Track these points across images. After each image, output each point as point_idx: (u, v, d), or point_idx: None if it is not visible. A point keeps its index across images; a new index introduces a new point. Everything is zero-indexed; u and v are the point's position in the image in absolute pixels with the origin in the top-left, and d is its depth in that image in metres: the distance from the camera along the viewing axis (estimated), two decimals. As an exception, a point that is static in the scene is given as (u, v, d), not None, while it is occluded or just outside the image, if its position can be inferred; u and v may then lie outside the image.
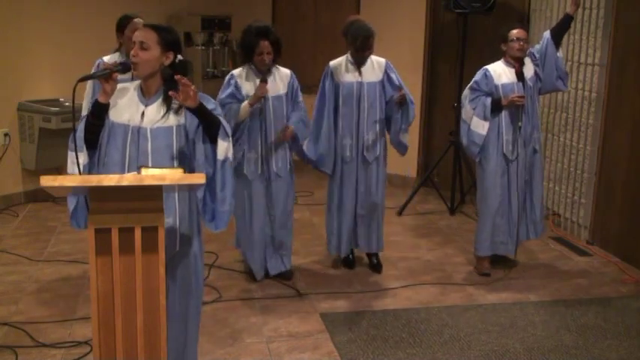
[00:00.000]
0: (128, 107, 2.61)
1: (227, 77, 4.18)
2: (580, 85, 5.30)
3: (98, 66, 4.07)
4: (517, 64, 4.41)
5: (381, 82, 4.40)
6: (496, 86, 4.40)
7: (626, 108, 4.86)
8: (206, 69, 7.19)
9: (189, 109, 2.53)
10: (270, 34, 4.09)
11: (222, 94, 4.09)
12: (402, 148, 4.54)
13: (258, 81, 4.07)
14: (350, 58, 4.39)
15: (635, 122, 4.75)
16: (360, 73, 4.37)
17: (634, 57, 4.76)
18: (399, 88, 4.33)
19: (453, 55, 6.23)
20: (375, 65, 4.41)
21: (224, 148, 2.60)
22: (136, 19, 4.11)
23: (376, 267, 4.64)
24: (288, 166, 4.28)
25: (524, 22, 5.92)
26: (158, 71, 2.60)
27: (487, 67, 4.45)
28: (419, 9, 6.61)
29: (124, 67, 2.56)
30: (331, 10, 7.38)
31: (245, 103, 4.03)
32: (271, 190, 4.25)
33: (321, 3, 7.46)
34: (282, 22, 7.46)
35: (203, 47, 7.13)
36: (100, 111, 2.57)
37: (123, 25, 4.14)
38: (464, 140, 4.51)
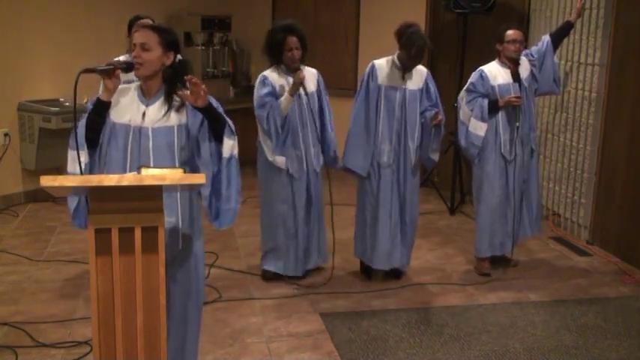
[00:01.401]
0: (129, 108, 2.62)
1: (259, 78, 4.16)
2: (580, 85, 5.30)
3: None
4: (512, 65, 4.41)
5: (421, 90, 4.27)
6: (492, 87, 4.40)
7: (626, 108, 4.86)
8: (206, 69, 7.20)
9: (197, 108, 2.55)
10: (297, 29, 4.11)
11: (261, 93, 4.08)
12: (430, 163, 4.47)
13: (289, 79, 4.09)
14: (397, 62, 4.21)
15: (635, 122, 4.75)
16: (404, 79, 4.23)
17: (634, 57, 4.76)
18: (436, 108, 4.23)
19: (453, 55, 6.23)
20: (418, 73, 4.27)
21: (230, 145, 2.62)
22: (144, 20, 4.12)
23: (396, 273, 4.53)
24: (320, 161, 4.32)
25: (523, 22, 5.93)
26: (159, 71, 2.60)
27: (482, 67, 4.45)
28: (419, 9, 6.61)
29: (128, 66, 2.57)
30: (331, 10, 7.39)
31: (286, 94, 4.04)
32: (311, 187, 4.28)
33: (321, 3, 7.47)
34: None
35: (203, 47, 7.14)
36: (101, 108, 2.58)
37: (132, 25, 4.17)
38: (462, 142, 4.50)
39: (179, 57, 2.67)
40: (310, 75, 4.21)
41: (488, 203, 4.49)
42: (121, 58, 4.18)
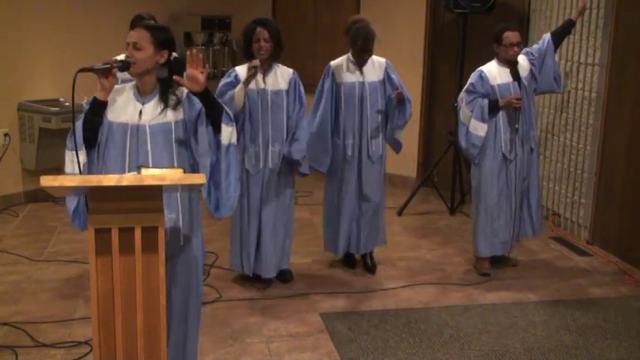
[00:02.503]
0: (125, 107, 2.63)
1: (228, 71, 4.17)
2: (580, 85, 5.30)
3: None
4: (511, 65, 4.41)
5: (382, 81, 4.42)
6: (492, 87, 4.40)
7: (626, 108, 4.86)
8: (206, 69, 7.19)
9: (195, 93, 2.56)
10: (269, 23, 4.11)
11: (221, 83, 4.08)
12: (396, 146, 4.56)
13: (260, 77, 4.04)
14: (351, 57, 4.40)
15: (635, 122, 4.75)
16: (361, 72, 4.38)
17: (634, 57, 4.76)
18: (397, 87, 4.36)
19: (453, 55, 6.23)
20: (376, 65, 4.42)
21: (228, 132, 2.64)
22: (147, 21, 4.11)
23: (369, 268, 4.62)
24: (280, 161, 4.18)
25: (523, 22, 5.93)
26: (153, 70, 2.62)
27: (481, 68, 4.45)
28: (419, 9, 6.61)
29: (124, 65, 2.58)
30: (331, 10, 7.38)
31: (240, 84, 3.96)
32: (264, 186, 4.16)
33: (321, 3, 7.46)
34: (282, 22, 7.41)
35: (203, 47, 7.14)
36: (98, 108, 2.59)
37: (134, 24, 4.15)
38: (462, 143, 4.50)
39: (174, 55, 2.68)
40: (284, 73, 4.14)
41: (487, 202, 4.49)
42: (121, 56, 4.18)
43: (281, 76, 4.14)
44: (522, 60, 4.48)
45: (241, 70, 4.08)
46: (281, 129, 4.12)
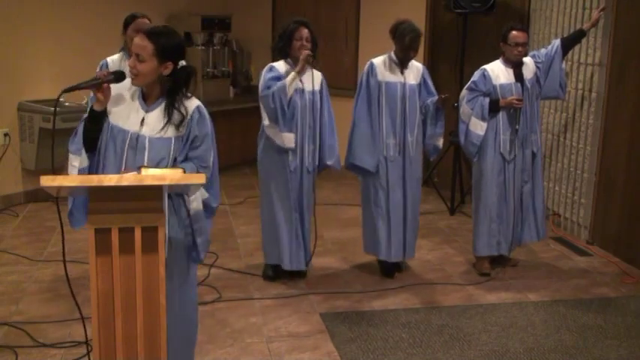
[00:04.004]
0: (128, 112, 2.59)
1: (266, 67, 4.17)
2: (580, 85, 5.30)
3: (101, 67, 4.06)
4: (515, 65, 4.40)
5: (419, 85, 4.40)
6: (494, 86, 4.40)
7: (626, 108, 4.86)
8: (206, 69, 7.20)
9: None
10: (309, 24, 4.19)
11: (266, 77, 4.09)
12: (434, 151, 4.54)
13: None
14: (394, 57, 4.34)
15: (635, 122, 4.75)
16: (402, 73, 4.34)
17: (634, 57, 4.76)
18: (434, 93, 4.39)
19: (453, 55, 6.23)
20: (415, 68, 4.40)
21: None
22: (140, 19, 4.08)
23: (399, 267, 4.62)
24: (316, 162, 4.29)
25: (523, 22, 5.92)
26: (158, 81, 2.56)
27: (485, 66, 4.45)
28: (419, 9, 6.61)
29: (117, 77, 2.54)
30: (331, 9, 7.39)
31: (292, 73, 4.03)
32: (303, 184, 4.25)
33: (321, 3, 7.46)
34: (282, 22, 7.45)
35: (203, 47, 7.14)
36: (95, 118, 2.57)
37: (127, 23, 4.12)
38: (461, 140, 4.51)
39: (182, 63, 2.61)
40: (316, 75, 4.22)
41: (486, 202, 4.49)
42: (115, 56, 4.16)
43: (315, 77, 4.20)
44: (528, 62, 4.48)
45: (280, 65, 4.15)
46: (315, 129, 4.22)
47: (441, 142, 4.50)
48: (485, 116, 4.38)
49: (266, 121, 4.14)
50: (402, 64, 4.33)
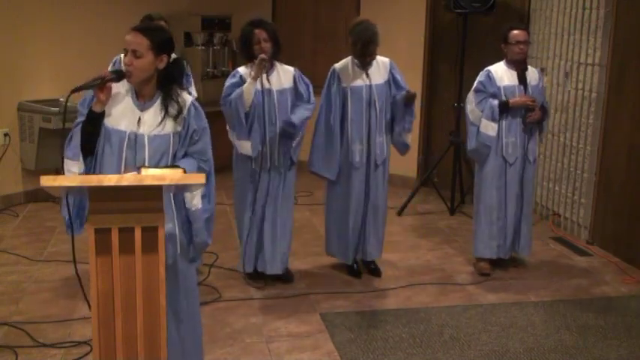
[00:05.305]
0: (123, 113, 2.58)
1: (232, 73, 4.15)
2: (580, 85, 5.30)
3: (115, 63, 4.05)
4: (518, 67, 4.40)
5: (387, 82, 4.33)
6: (498, 88, 4.39)
7: (626, 108, 4.86)
8: (206, 69, 7.19)
9: None
10: (265, 23, 4.09)
11: (227, 84, 4.07)
12: (404, 148, 4.49)
13: (263, 75, 4.01)
14: (355, 60, 4.28)
15: (635, 122, 4.75)
16: (367, 75, 4.26)
17: (634, 57, 4.75)
18: (403, 88, 4.31)
19: (453, 55, 6.23)
20: (381, 66, 4.32)
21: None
22: (156, 20, 4.08)
23: (375, 271, 4.57)
24: (289, 161, 4.20)
25: (523, 22, 5.92)
26: (154, 76, 2.57)
27: (489, 68, 4.45)
28: (419, 9, 6.61)
29: (118, 76, 2.54)
30: (331, 10, 7.38)
31: (249, 79, 3.95)
32: (270, 185, 4.17)
33: (321, 3, 7.46)
34: (282, 22, 7.45)
35: (203, 47, 7.13)
36: (95, 120, 2.56)
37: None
38: (473, 143, 4.46)
39: (174, 56, 2.64)
40: (286, 71, 4.14)
41: (486, 204, 4.49)
42: (122, 56, 4.16)
43: (284, 75, 4.13)
44: (534, 70, 4.48)
45: (245, 71, 4.08)
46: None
47: (409, 139, 4.44)
48: (496, 117, 4.35)
49: (227, 127, 4.13)
50: (363, 66, 4.26)
